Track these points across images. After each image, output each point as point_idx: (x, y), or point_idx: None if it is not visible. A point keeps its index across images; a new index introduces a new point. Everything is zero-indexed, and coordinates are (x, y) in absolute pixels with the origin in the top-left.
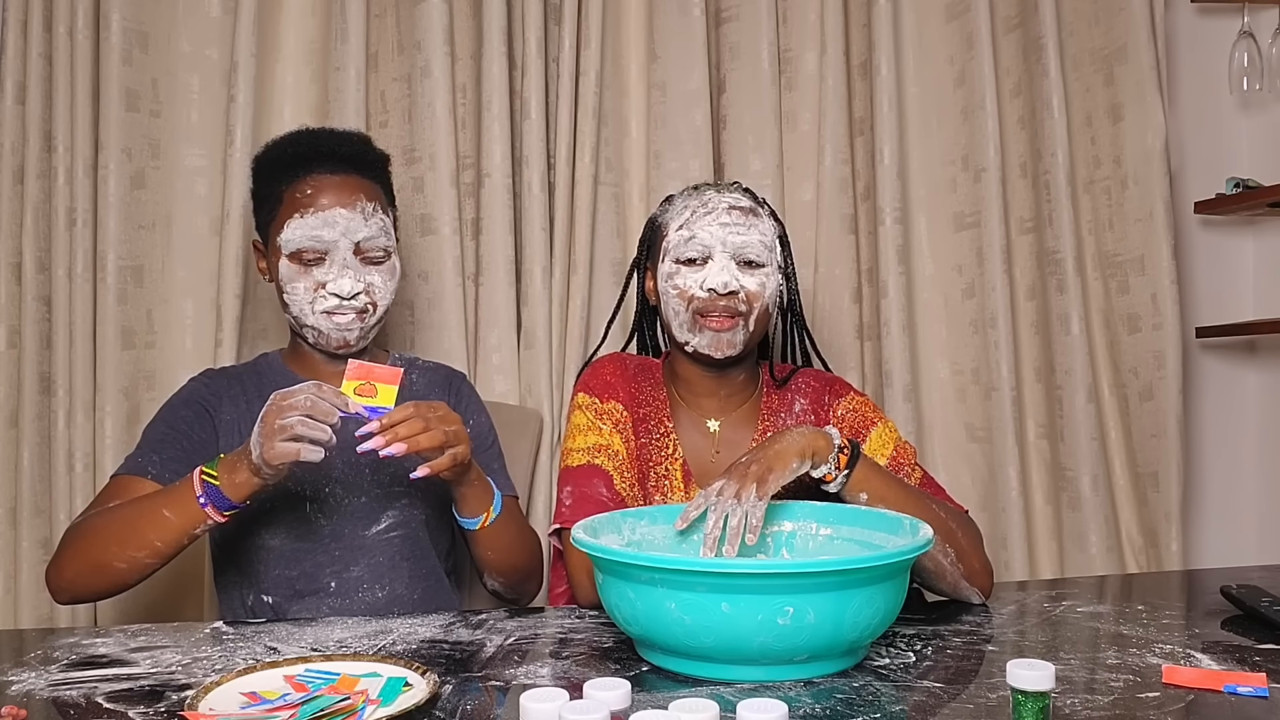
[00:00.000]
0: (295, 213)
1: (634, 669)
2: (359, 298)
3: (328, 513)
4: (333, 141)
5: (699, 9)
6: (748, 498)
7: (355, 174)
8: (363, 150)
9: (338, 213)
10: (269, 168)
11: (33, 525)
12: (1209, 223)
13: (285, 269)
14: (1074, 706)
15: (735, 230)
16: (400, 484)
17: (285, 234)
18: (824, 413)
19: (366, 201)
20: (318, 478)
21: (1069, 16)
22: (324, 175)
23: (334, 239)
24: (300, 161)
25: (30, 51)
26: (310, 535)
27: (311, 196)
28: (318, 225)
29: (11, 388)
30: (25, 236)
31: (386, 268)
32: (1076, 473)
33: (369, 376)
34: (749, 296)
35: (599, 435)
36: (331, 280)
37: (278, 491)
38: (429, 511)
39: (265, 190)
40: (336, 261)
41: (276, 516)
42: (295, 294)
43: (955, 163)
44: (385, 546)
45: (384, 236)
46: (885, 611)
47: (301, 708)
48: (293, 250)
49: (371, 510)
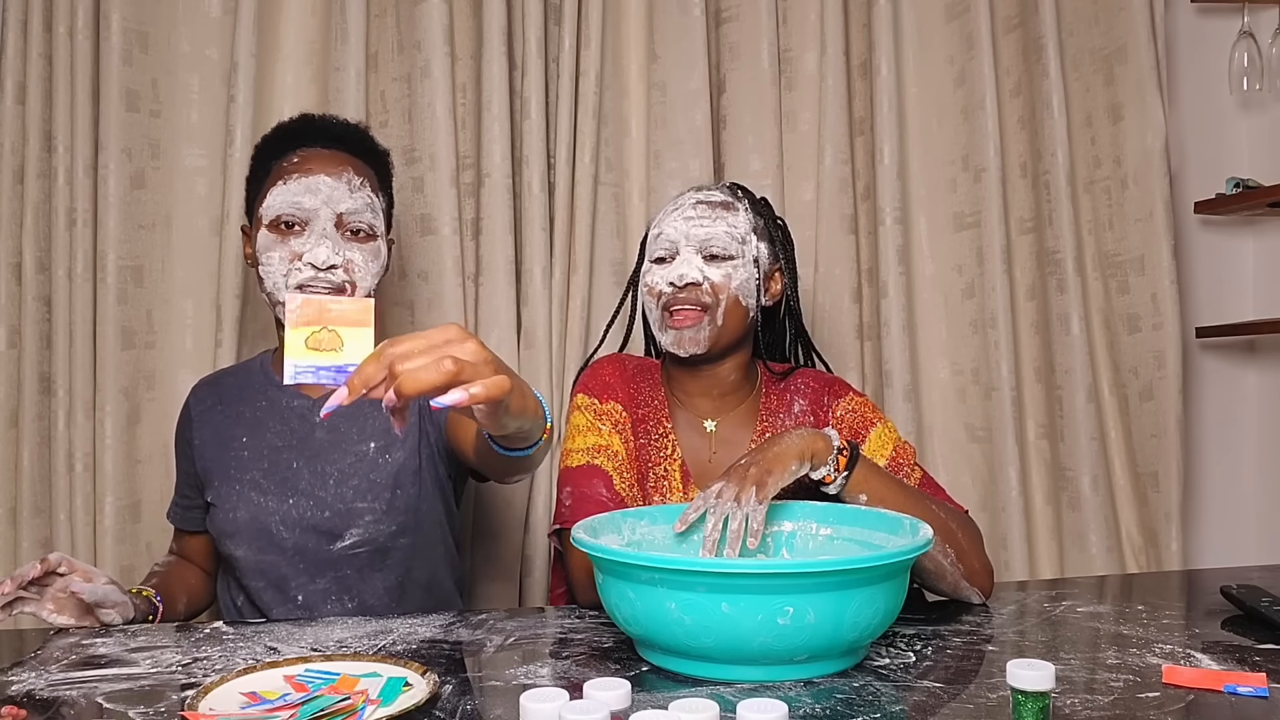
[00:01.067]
0: (280, 179)
1: (634, 669)
2: (335, 271)
3: (290, 525)
4: (329, 122)
5: (699, 9)
6: (747, 501)
7: (346, 151)
8: (359, 135)
9: (321, 179)
10: (264, 147)
11: (33, 525)
12: (1209, 223)
13: (263, 240)
14: (1074, 706)
15: (699, 224)
16: (365, 497)
17: (267, 201)
18: (823, 413)
19: (354, 175)
20: (282, 488)
21: (1069, 16)
22: (314, 148)
23: (314, 206)
24: (292, 137)
25: (30, 51)
26: (273, 549)
27: (297, 165)
28: (299, 191)
29: (11, 388)
30: (25, 236)
31: (370, 248)
32: (1076, 473)
33: (324, 318)
34: (714, 288)
35: (598, 436)
36: (308, 250)
37: (241, 503)
38: (404, 520)
39: (256, 169)
40: (315, 231)
41: (240, 528)
42: (270, 265)
43: (955, 163)
44: (352, 560)
45: (369, 213)
46: (885, 611)
47: (301, 708)
48: (273, 218)
49: (335, 525)
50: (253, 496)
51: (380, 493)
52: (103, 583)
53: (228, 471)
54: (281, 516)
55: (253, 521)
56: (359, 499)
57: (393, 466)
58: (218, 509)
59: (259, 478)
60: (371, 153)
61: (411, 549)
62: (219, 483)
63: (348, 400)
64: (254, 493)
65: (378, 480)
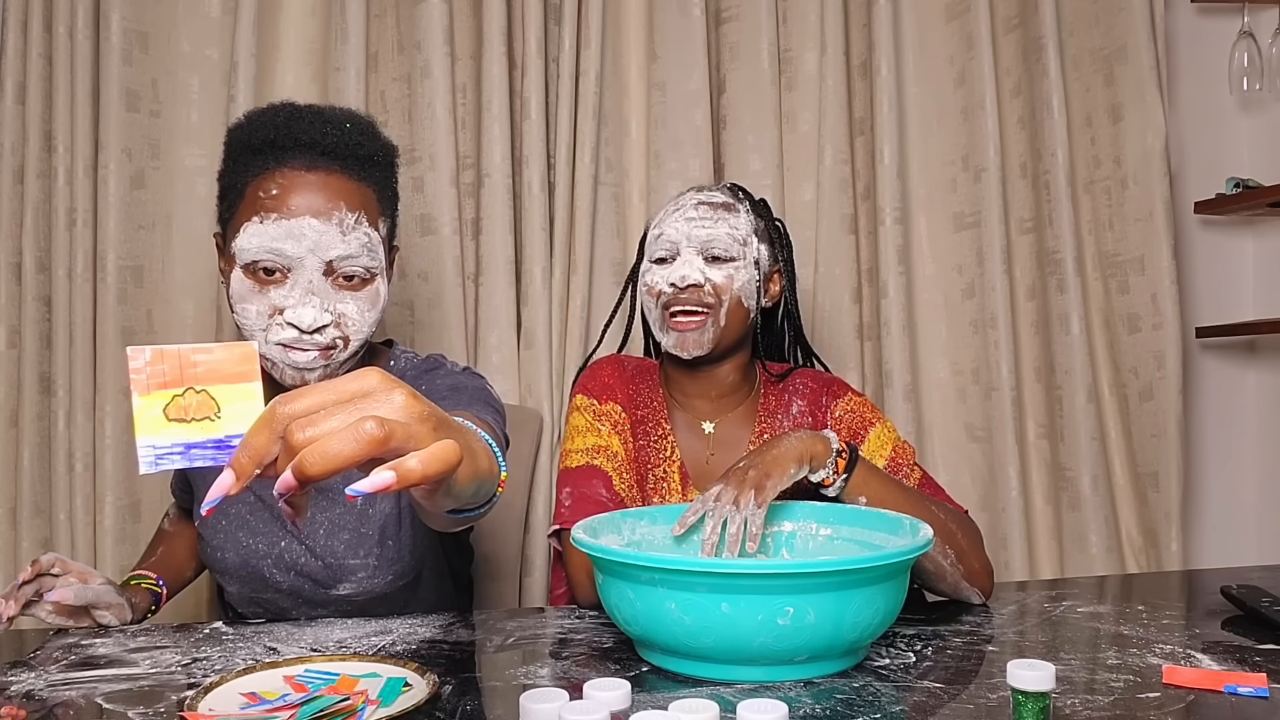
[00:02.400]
0: (255, 215)
1: (634, 669)
2: (326, 331)
3: (284, 569)
4: (318, 128)
5: (699, 9)
6: (746, 504)
7: (341, 172)
8: (356, 141)
9: (307, 223)
10: (237, 150)
11: (33, 525)
12: (1209, 223)
13: (237, 284)
14: (1074, 707)
15: (701, 225)
16: (357, 553)
17: (240, 240)
18: (821, 414)
19: (348, 211)
20: (271, 527)
21: (1069, 16)
22: (298, 171)
23: (298, 255)
24: (270, 149)
25: (30, 51)
26: (268, 589)
27: (277, 198)
28: (280, 236)
29: (11, 388)
30: (25, 236)
31: (367, 294)
32: (1076, 473)
33: (187, 376)
34: (716, 290)
35: (597, 436)
36: (291, 308)
37: (230, 545)
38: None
39: (228, 177)
40: (300, 284)
41: (230, 569)
42: (245, 316)
43: (955, 163)
44: (352, 600)
45: (366, 255)
46: (885, 612)
47: (301, 708)
48: (247, 261)
49: (328, 577)
50: (241, 538)
51: (370, 547)
52: (98, 583)
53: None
54: (274, 560)
55: (243, 565)
56: (350, 554)
57: (379, 518)
58: (206, 543)
59: (245, 513)
60: (370, 162)
61: (412, 589)
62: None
63: (235, 489)
64: (242, 533)
65: (368, 534)
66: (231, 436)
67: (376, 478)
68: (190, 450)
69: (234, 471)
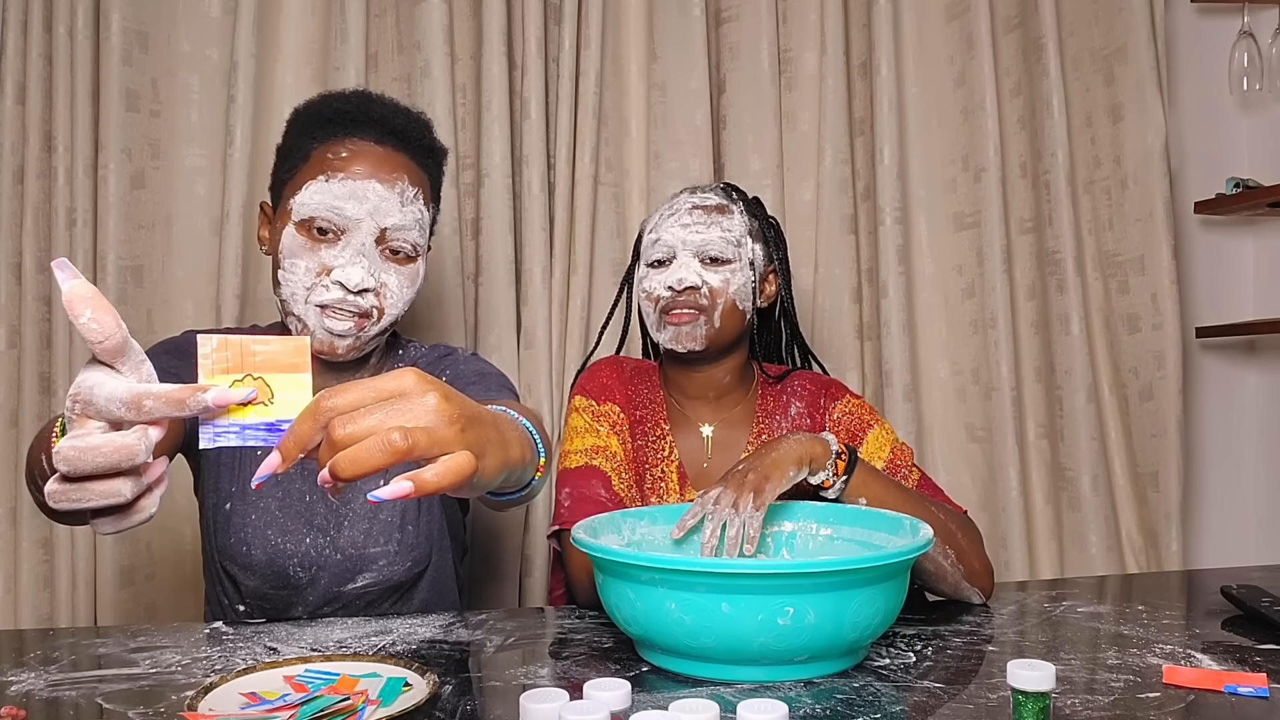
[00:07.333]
0: (321, 174)
1: (634, 669)
2: (366, 296)
3: (307, 566)
4: (390, 111)
5: (699, 9)
6: (745, 507)
7: (406, 152)
8: (420, 131)
9: (371, 186)
10: (303, 121)
11: (33, 525)
12: (1209, 223)
13: (289, 239)
14: (1074, 707)
15: (696, 229)
16: (378, 541)
17: (301, 196)
18: (819, 415)
19: (409, 184)
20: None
21: (1069, 16)
22: (368, 142)
23: (358, 216)
24: (343, 120)
25: (30, 51)
26: (286, 586)
27: (345, 160)
28: (343, 195)
29: (11, 388)
30: (25, 236)
31: (409, 271)
32: (1076, 473)
33: (247, 364)
34: (712, 292)
35: (596, 437)
36: (340, 266)
37: (257, 541)
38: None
39: (292, 144)
40: (352, 245)
41: (254, 565)
42: (293, 272)
43: (955, 163)
44: (364, 595)
45: (416, 230)
46: (885, 612)
47: (301, 708)
48: (304, 217)
49: (348, 568)
50: (270, 536)
51: (391, 534)
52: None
53: (244, 491)
54: (300, 559)
55: (269, 564)
56: (371, 543)
57: (400, 504)
58: (231, 537)
59: (274, 508)
60: (430, 153)
61: (422, 579)
62: (231, 503)
63: (282, 468)
64: (271, 531)
65: (389, 520)
66: (282, 421)
67: (396, 487)
68: (245, 430)
69: (280, 454)
